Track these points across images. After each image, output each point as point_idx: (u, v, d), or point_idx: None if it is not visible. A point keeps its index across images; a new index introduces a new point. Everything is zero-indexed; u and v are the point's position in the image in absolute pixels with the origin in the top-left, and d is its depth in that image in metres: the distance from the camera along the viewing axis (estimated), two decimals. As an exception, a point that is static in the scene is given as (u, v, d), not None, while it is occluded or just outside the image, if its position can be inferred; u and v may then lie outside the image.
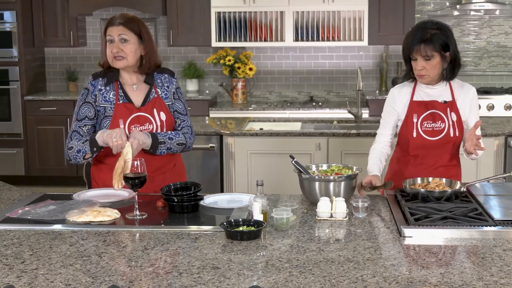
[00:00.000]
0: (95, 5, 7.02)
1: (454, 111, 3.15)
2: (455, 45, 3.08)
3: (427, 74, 3.08)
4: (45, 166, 7.14)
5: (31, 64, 7.28)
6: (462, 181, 2.90)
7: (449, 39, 3.05)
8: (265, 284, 1.96)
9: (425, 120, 3.15)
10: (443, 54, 3.05)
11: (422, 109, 3.16)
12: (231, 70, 7.08)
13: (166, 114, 3.16)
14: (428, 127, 3.15)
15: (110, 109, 3.10)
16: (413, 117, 3.16)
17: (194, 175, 4.73)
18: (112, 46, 3.06)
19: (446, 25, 3.10)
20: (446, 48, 3.05)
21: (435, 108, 3.15)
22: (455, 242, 2.35)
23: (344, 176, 2.84)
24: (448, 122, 3.13)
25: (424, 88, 3.18)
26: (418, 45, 3.04)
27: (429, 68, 3.06)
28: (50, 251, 2.27)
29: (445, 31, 3.06)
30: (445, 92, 3.17)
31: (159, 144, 3.09)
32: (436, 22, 3.10)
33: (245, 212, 2.70)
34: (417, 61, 3.07)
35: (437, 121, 3.14)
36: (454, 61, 3.09)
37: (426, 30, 3.04)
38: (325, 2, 6.76)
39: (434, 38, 3.02)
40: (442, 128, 3.13)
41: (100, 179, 3.20)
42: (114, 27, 3.06)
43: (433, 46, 3.02)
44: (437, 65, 3.06)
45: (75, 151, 3.07)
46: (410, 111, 3.17)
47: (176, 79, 3.27)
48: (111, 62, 3.09)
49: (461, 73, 3.14)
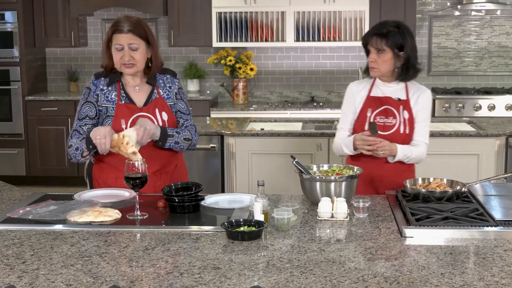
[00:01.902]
0: (96, 5, 7.03)
1: (407, 109, 3.25)
2: (412, 48, 3.19)
3: (377, 67, 3.21)
4: (46, 166, 7.14)
5: (32, 64, 7.29)
6: (463, 182, 2.90)
7: (405, 39, 3.17)
8: (266, 285, 1.96)
9: (379, 115, 3.26)
10: (396, 52, 3.17)
11: (377, 104, 3.27)
12: (232, 70, 7.08)
13: (168, 114, 3.16)
14: (380, 121, 3.25)
15: (112, 109, 3.10)
16: (367, 112, 3.28)
17: (195, 175, 4.74)
18: (122, 54, 3.04)
19: (407, 27, 3.23)
20: (401, 48, 3.17)
21: (389, 104, 3.26)
22: (456, 243, 2.35)
23: (345, 177, 2.84)
24: (400, 119, 3.24)
25: (380, 85, 3.30)
26: (372, 37, 3.19)
27: (379, 62, 3.20)
28: (51, 251, 2.27)
29: (403, 32, 3.18)
30: (400, 91, 3.28)
31: (168, 137, 3.09)
32: (398, 22, 3.24)
33: (246, 212, 2.70)
34: (371, 53, 3.21)
35: (389, 117, 3.25)
36: (408, 63, 3.19)
37: (385, 26, 3.19)
38: (326, 2, 6.76)
39: (389, 34, 3.16)
40: (393, 124, 3.24)
41: (101, 178, 3.21)
42: (123, 35, 3.03)
43: (386, 41, 3.16)
44: (388, 61, 3.18)
45: (74, 149, 3.07)
46: (365, 105, 3.29)
47: (178, 80, 3.27)
48: (120, 68, 3.08)
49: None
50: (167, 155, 3.19)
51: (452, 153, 4.75)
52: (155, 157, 3.11)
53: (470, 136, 4.73)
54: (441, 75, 7.27)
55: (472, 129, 4.96)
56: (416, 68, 3.24)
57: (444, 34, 7.23)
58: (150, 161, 2.99)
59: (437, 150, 4.76)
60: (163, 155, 3.17)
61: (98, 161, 3.21)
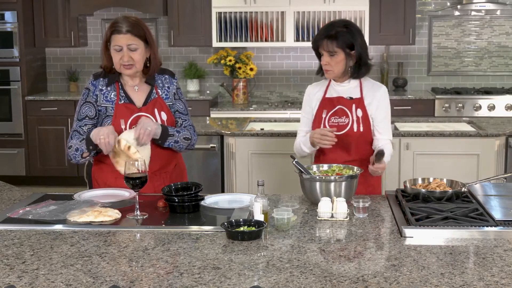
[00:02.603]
0: (96, 5, 7.02)
1: (361, 107, 3.26)
2: (362, 45, 3.21)
3: (331, 69, 3.21)
4: (46, 166, 7.14)
5: (32, 64, 7.29)
6: (463, 182, 2.90)
7: (354, 38, 3.18)
8: (266, 285, 1.96)
9: (333, 116, 3.27)
10: (347, 52, 3.18)
11: (331, 105, 3.29)
12: (232, 70, 7.08)
13: (167, 114, 3.16)
14: (334, 122, 3.27)
15: (111, 109, 3.10)
16: (323, 113, 3.30)
17: (195, 175, 4.73)
18: (121, 55, 3.03)
19: (354, 25, 3.24)
20: (352, 47, 3.18)
21: (341, 104, 3.28)
22: (456, 243, 2.35)
23: (345, 177, 2.84)
24: (352, 118, 3.25)
25: (335, 86, 3.32)
26: (322, 40, 3.19)
27: (333, 64, 3.20)
28: (51, 251, 2.27)
29: (352, 31, 3.19)
30: (354, 90, 3.29)
31: (169, 136, 3.10)
32: (345, 21, 3.25)
33: (246, 212, 2.70)
34: (323, 56, 3.20)
35: (342, 116, 3.26)
36: (360, 60, 3.21)
37: (333, 27, 3.19)
38: (326, 2, 6.76)
39: (339, 35, 3.16)
40: (346, 123, 3.25)
41: (101, 179, 3.20)
42: (121, 36, 3.02)
43: (336, 42, 3.16)
44: (341, 61, 3.19)
45: (74, 149, 3.07)
46: (321, 107, 3.32)
47: (177, 80, 3.27)
48: (119, 69, 3.08)
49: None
50: (166, 155, 3.19)
51: (452, 153, 4.75)
52: (155, 157, 3.11)
53: (470, 136, 4.73)
54: (441, 75, 7.27)
55: (472, 129, 4.96)
56: (368, 65, 3.25)
57: (444, 34, 7.23)
58: (150, 161, 2.99)
59: (437, 150, 4.76)
60: (162, 155, 3.17)
61: (97, 162, 3.21)
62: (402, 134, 4.79)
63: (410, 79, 7.31)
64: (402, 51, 7.29)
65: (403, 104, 6.72)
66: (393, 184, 4.62)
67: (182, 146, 3.18)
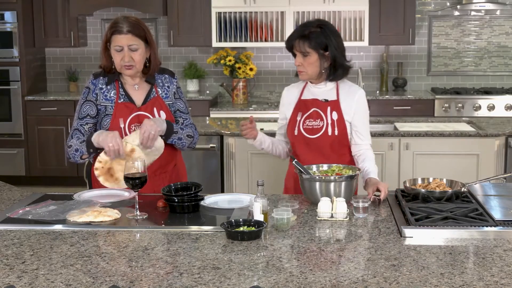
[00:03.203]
0: (96, 5, 7.02)
1: (336, 110, 3.16)
2: (337, 46, 3.10)
3: (305, 70, 3.13)
4: (45, 166, 7.14)
5: (32, 64, 7.29)
6: (463, 182, 2.90)
7: (328, 39, 3.08)
8: (265, 285, 1.96)
9: (308, 118, 3.20)
10: (321, 53, 3.08)
11: (306, 107, 3.21)
12: (232, 70, 7.08)
13: (166, 113, 3.16)
14: (309, 125, 3.19)
15: (110, 108, 3.11)
16: (297, 116, 3.22)
17: (194, 175, 4.74)
18: (122, 55, 3.03)
19: (329, 25, 3.13)
20: (326, 48, 3.09)
21: (316, 107, 3.19)
22: (456, 243, 2.35)
23: (344, 177, 2.84)
24: (327, 121, 3.16)
25: (311, 87, 3.23)
26: (295, 40, 3.09)
27: (306, 65, 3.11)
28: (50, 251, 2.27)
29: (325, 31, 3.08)
30: (330, 92, 3.20)
31: (173, 132, 3.11)
32: (320, 21, 3.14)
33: (246, 212, 2.70)
34: (296, 56, 3.12)
35: (317, 119, 3.18)
36: (335, 62, 3.12)
37: (307, 27, 3.09)
38: (325, 2, 6.76)
39: (312, 35, 3.06)
40: (320, 127, 3.17)
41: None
42: (122, 36, 3.01)
43: (309, 43, 3.06)
44: (314, 62, 3.10)
45: (73, 149, 3.08)
46: (296, 109, 3.24)
47: (177, 79, 3.27)
48: (120, 69, 3.08)
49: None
50: (166, 155, 3.18)
51: (452, 153, 4.75)
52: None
53: (469, 136, 4.73)
54: (441, 75, 7.27)
55: (472, 129, 4.96)
56: (345, 67, 3.16)
57: (444, 34, 7.23)
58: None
59: (437, 150, 4.76)
60: (162, 154, 3.16)
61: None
62: (402, 134, 4.79)
63: (409, 79, 7.31)
64: (401, 51, 7.29)
65: (402, 104, 6.72)
66: (393, 184, 4.61)
67: (185, 143, 3.19)
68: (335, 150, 3.18)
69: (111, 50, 3.07)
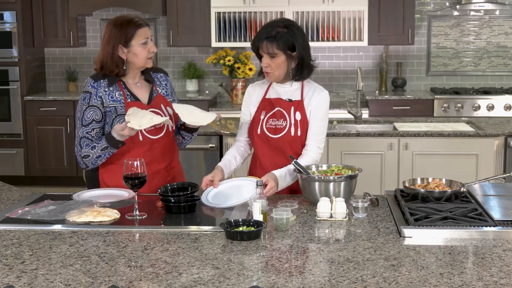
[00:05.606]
0: (95, 5, 7.03)
1: (300, 110, 3.12)
2: (303, 46, 3.05)
3: (272, 72, 3.06)
4: (45, 166, 7.14)
5: (31, 64, 7.29)
6: (462, 182, 2.90)
7: (295, 39, 3.02)
8: (265, 285, 1.96)
9: (271, 118, 3.15)
10: (289, 53, 3.03)
11: (270, 107, 3.16)
12: (231, 70, 7.08)
13: (172, 109, 3.16)
14: (272, 124, 3.14)
15: (121, 108, 3.07)
16: (261, 115, 3.17)
17: (194, 175, 4.73)
18: (148, 47, 3.07)
19: (295, 24, 3.08)
20: (293, 48, 3.03)
21: (279, 106, 3.14)
22: (455, 243, 2.35)
23: (344, 177, 2.84)
24: (290, 121, 3.12)
25: (276, 86, 3.18)
26: (262, 41, 3.03)
27: (273, 66, 3.04)
28: (50, 251, 2.27)
29: (292, 31, 3.03)
30: (295, 92, 3.15)
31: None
32: (286, 20, 3.09)
33: (245, 212, 2.70)
34: (263, 58, 3.06)
35: (280, 119, 3.13)
36: (302, 62, 3.07)
37: (273, 28, 3.03)
38: (325, 2, 6.76)
39: (278, 36, 3.00)
40: (283, 126, 3.12)
41: (110, 181, 3.14)
42: (146, 28, 3.07)
43: (276, 44, 3.00)
44: (282, 63, 3.04)
45: (94, 158, 3.03)
46: (260, 108, 3.18)
47: (169, 78, 3.32)
48: (145, 63, 3.10)
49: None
50: (164, 155, 3.18)
51: (451, 153, 4.75)
52: (153, 157, 3.10)
53: (469, 136, 4.73)
54: (440, 75, 7.27)
55: (471, 129, 4.96)
56: (310, 66, 3.11)
57: (443, 34, 7.23)
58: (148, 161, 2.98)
59: (436, 150, 4.77)
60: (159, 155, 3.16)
61: (105, 163, 3.13)
62: (401, 134, 4.79)
63: (409, 79, 7.31)
64: (401, 51, 7.29)
65: (402, 104, 6.73)
66: (392, 184, 4.62)
67: (190, 140, 3.31)
68: (297, 151, 3.12)
69: (133, 48, 3.03)
